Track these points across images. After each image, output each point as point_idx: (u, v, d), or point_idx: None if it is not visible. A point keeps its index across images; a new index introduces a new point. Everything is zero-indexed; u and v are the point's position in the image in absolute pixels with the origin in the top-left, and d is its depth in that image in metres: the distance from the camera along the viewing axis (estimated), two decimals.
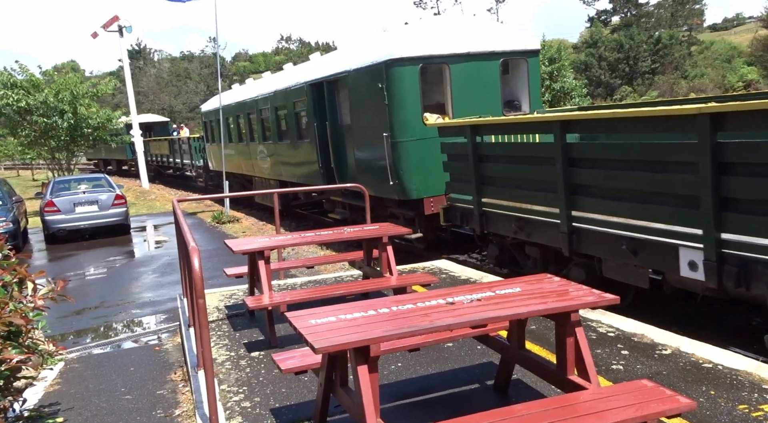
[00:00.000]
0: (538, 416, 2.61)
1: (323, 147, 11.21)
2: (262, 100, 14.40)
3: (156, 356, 5.93)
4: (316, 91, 11.22)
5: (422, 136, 8.76)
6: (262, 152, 14.91)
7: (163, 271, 10.22)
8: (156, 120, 39.26)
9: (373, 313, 3.07)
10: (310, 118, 11.40)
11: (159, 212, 18.51)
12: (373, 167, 9.52)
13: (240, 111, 16.33)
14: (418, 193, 8.87)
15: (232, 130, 17.53)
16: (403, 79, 8.77)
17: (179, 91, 69.11)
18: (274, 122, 13.78)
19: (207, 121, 20.24)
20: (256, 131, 15.29)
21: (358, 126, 9.88)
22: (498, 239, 7.34)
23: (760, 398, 3.47)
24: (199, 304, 3.32)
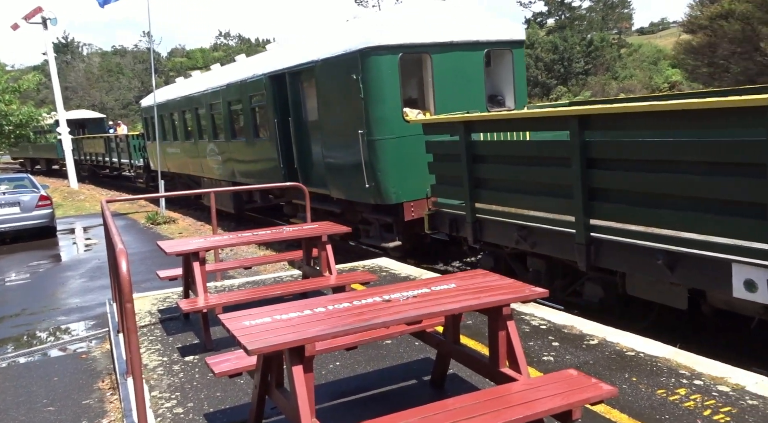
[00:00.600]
0: (470, 409, 2.67)
1: (285, 146, 10.24)
2: (212, 94, 13.16)
3: (82, 364, 5.66)
4: (277, 83, 10.17)
5: (402, 134, 7.95)
6: (213, 151, 13.72)
7: (91, 275, 9.77)
8: (90, 116, 36.60)
9: (309, 312, 3.05)
10: (270, 113, 10.38)
11: (89, 214, 17.66)
12: (346, 168, 8.58)
13: (187, 106, 15.04)
14: (397, 197, 7.96)
15: (178, 127, 16.15)
16: (381, 70, 7.83)
17: (111, 87, 66.13)
18: (227, 118, 12.59)
19: (147, 118, 18.70)
20: (205, 128, 14.06)
21: (328, 122, 8.88)
22: (493, 249, 6.63)
23: (677, 383, 3.68)
24: (127, 308, 3.19)
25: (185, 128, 15.61)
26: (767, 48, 16.61)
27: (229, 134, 12.58)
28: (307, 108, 9.83)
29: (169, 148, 16.86)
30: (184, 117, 15.52)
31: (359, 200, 8.56)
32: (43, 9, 23.44)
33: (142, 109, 19.15)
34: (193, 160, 15.45)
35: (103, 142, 26.07)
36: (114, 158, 24.54)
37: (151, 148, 18.61)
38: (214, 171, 13.90)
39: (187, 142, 15.52)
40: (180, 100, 15.43)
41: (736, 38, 17.74)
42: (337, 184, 8.87)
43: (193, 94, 14.50)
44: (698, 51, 20.02)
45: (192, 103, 14.56)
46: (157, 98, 16.91)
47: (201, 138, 14.38)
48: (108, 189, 24.97)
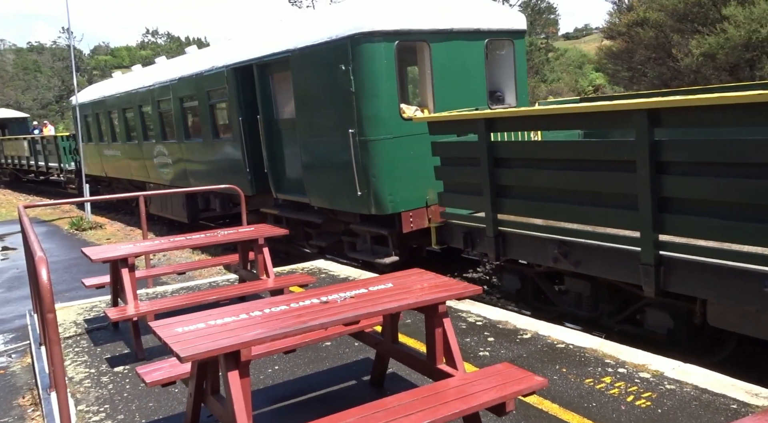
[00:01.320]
0: (408, 406, 2.71)
1: (252, 148, 9.06)
2: (160, 90, 11.68)
3: (1, 381, 5.30)
4: (242, 77, 8.98)
5: (399, 133, 6.97)
6: (161, 154, 12.22)
7: (9, 286, 9.17)
8: (12, 116, 34.02)
9: (245, 316, 3.00)
10: (233, 111, 9.19)
11: (5, 220, 16.57)
12: (331, 173, 7.52)
13: (128, 103, 13.38)
14: (394, 206, 6.98)
15: (118, 127, 14.49)
16: (375, 60, 6.81)
17: (28, 85, 62.24)
18: (179, 117, 11.16)
19: (83, 116, 16.88)
20: (151, 128, 12.56)
21: (308, 121, 7.77)
22: (518, 268, 5.77)
23: (603, 372, 3.88)
24: (48, 318, 3.02)
25: (126, 128, 14.04)
26: (678, 54, 17.74)
27: (182, 135, 11.20)
28: (279, 104, 8.72)
29: (106, 150, 15.36)
30: (124, 115, 13.96)
31: (348, 210, 7.55)
32: None
33: (76, 107, 17.28)
34: (136, 164, 13.87)
35: (27, 144, 24.13)
36: (40, 161, 22.77)
37: (86, 151, 17.02)
38: (163, 176, 12.47)
39: (128, 144, 13.99)
40: (120, 96, 13.84)
41: (650, 44, 18.85)
42: (318, 191, 7.89)
43: (136, 89, 12.98)
44: (618, 56, 21.12)
45: (135, 100, 13.04)
46: (93, 95, 15.62)
47: (146, 139, 12.92)
48: (28, 194, 23.50)
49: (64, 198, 20.15)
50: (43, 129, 27.68)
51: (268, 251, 5.53)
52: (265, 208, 9.44)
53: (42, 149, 22.23)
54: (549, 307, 5.63)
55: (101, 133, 15.50)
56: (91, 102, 15.56)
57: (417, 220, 7.07)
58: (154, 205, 12.89)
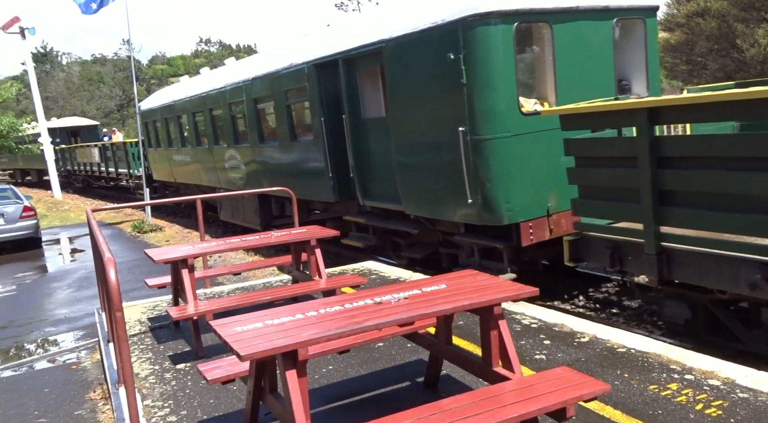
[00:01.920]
0: (465, 409, 2.69)
1: (334, 151, 8.38)
2: (232, 91, 11.09)
3: (73, 375, 5.59)
4: (325, 73, 8.29)
5: (518, 131, 6.07)
6: (233, 159, 11.63)
7: (79, 285, 9.66)
8: (83, 123, 34.73)
9: (300, 316, 3.05)
10: (314, 111, 8.55)
11: (73, 223, 17.47)
12: (433, 179, 6.68)
13: (198, 107, 12.90)
14: (512, 216, 6.04)
15: (187, 132, 14.01)
16: (491, 45, 5.93)
17: (92, 95, 65.50)
18: (253, 119, 10.52)
19: (148, 122, 16.73)
20: (222, 132, 12.01)
21: (404, 119, 6.95)
22: (686, 293, 4.73)
23: (668, 378, 3.73)
24: (116, 317, 3.16)
25: (196, 133, 13.51)
26: (743, 45, 16.87)
27: (256, 138, 10.50)
28: (367, 102, 7.96)
29: (176, 155, 14.86)
30: (194, 120, 13.44)
31: (454, 219, 6.63)
32: (20, 19, 23.23)
33: (141, 114, 17.12)
34: (206, 169, 13.28)
35: (98, 150, 24.21)
36: (111, 168, 22.83)
37: (153, 156, 16.92)
38: (235, 182, 11.76)
39: (198, 149, 13.42)
40: (190, 100, 13.31)
41: (712, 35, 18.00)
42: (416, 198, 7.01)
43: (206, 92, 12.38)
44: (677, 49, 20.29)
45: (205, 103, 12.45)
46: (161, 100, 15.37)
47: (217, 143, 12.37)
48: (94, 199, 24.72)
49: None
50: (111, 136, 27.86)
51: (320, 252, 5.60)
52: (349, 215, 8.73)
53: (112, 156, 22.49)
54: (730, 343, 4.64)
55: (170, 138, 15.17)
56: (160, 107, 15.23)
57: (537, 232, 6.13)
58: (225, 211, 12.55)
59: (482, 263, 6.56)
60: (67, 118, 38.56)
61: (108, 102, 63.61)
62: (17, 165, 34.70)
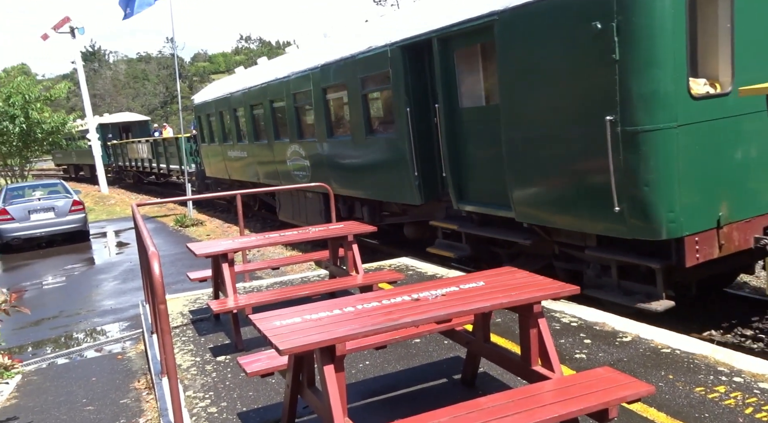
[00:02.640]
0: (503, 408, 2.65)
1: (422, 146, 7.38)
2: (296, 81, 10.04)
3: (118, 365, 5.78)
4: (412, 56, 7.25)
5: (687, 120, 4.81)
6: (297, 155, 10.63)
7: (124, 278, 9.97)
8: (134, 119, 33.96)
9: (338, 312, 3.06)
10: (399, 100, 7.43)
11: (119, 217, 18.05)
12: (563, 180, 5.47)
13: (256, 99, 11.94)
14: (675, 229, 4.81)
15: (243, 126, 13.07)
16: (658, 10, 4.66)
17: (137, 93, 67.53)
18: (321, 111, 9.46)
19: (201, 116, 15.76)
20: (285, 126, 10.99)
21: (523, 107, 5.71)
22: None
23: (716, 380, 3.60)
24: (160, 309, 3.24)
25: (254, 127, 12.45)
26: None
27: (324, 132, 9.45)
28: (467, 89, 6.79)
29: (231, 151, 13.96)
30: (252, 113, 12.39)
31: (588, 230, 5.43)
32: (70, 19, 24.06)
33: (195, 108, 16.16)
34: (265, 166, 12.25)
35: (150, 146, 23.49)
36: (162, 164, 22.20)
37: (206, 152, 16.00)
38: (298, 180, 10.68)
39: (257, 144, 12.40)
40: (247, 92, 12.29)
41: None
42: (533, 203, 5.80)
43: (266, 83, 11.31)
44: None
45: (265, 95, 11.41)
46: (215, 93, 14.48)
47: (278, 138, 11.33)
48: (138, 193, 25.47)
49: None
50: (162, 131, 26.95)
51: (357, 248, 5.63)
52: (436, 220, 7.62)
53: (163, 151, 21.76)
54: None
55: (225, 132, 14.20)
56: (215, 100, 14.25)
57: (705, 248, 4.94)
58: (284, 211, 11.74)
59: (621, 284, 5.32)
60: (119, 113, 37.82)
61: (152, 99, 65.47)
62: (71, 161, 35.37)
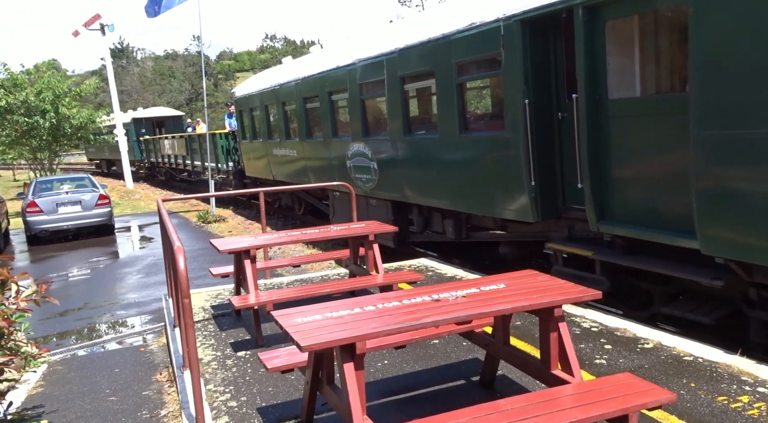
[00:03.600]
0: (522, 410, 2.65)
1: (542, 148, 5.97)
2: (364, 69, 8.60)
3: (141, 357, 5.89)
4: (536, 34, 5.87)
5: None
6: (361, 156, 9.12)
7: (147, 272, 10.15)
8: (168, 114, 32.31)
9: (359, 310, 3.09)
10: (515, 89, 5.98)
11: (143, 212, 18.35)
12: None
13: (309, 91, 10.59)
14: None
15: (293, 121, 11.78)
16: None
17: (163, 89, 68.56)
18: (398, 104, 7.96)
19: (243, 111, 14.50)
20: (346, 121, 9.61)
21: (740, 95, 4.06)
22: None
23: (739, 390, 3.54)
24: (184, 303, 3.31)
25: (307, 122, 11.05)
26: None
27: (402, 129, 7.91)
28: (624, 73, 5.30)
29: (277, 149, 12.65)
30: (304, 107, 11.02)
31: None
32: (101, 16, 24.52)
33: (235, 101, 14.90)
34: (319, 168, 10.70)
35: (184, 142, 21.84)
36: (197, 161, 20.69)
37: (247, 149, 14.73)
38: (362, 185, 9.24)
39: (310, 142, 10.96)
40: (300, 83, 10.91)
41: None
42: (740, 231, 4.19)
43: (323, 73, 9.89)
44: None
45: (323, 86, 10.00)
46: (258, 85, 13.30)
47: (336, 135, 9.97)
48: (162, 189, 25.85)
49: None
50: (195, 126, 25.09)
51: (378, 248, 5.65)
52: (554, 242, 6.12)
53: (198, 148, 20.14)
54: None
55: (270, 129, 12.91)
56: (259, 92, 12.95)
57: None
58: (339, 218, 10.21)
59: None
60: (152, 108, 37.10)
61: (178, 96, 66.40)
62: (104, 155, 34.83)
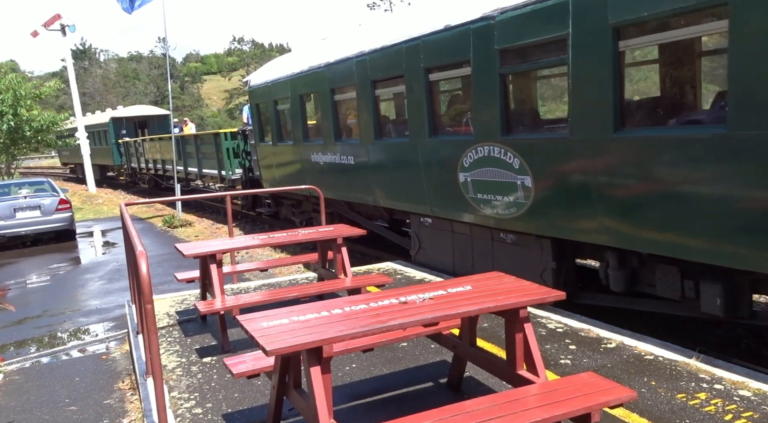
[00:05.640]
0: (488, 411, 2.68)
1: None
2: (508, 25, 5.46)
3: (103, 365, 5.73)
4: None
5: None
6: (496, 164, 5.91)
7: (110, 278, 9.89)
8: (152, 113, 28.22)
9: (326, 314, 3.07)
10: None
11: (106, 217, 17.89)
12: None
13: (385, 70, 7.33)
14: None
15: (350, 114, 8.66)
16: None
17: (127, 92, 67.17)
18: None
19: (260, 104, 11.11)
20: (467, 112, 6.56)
21: None
22: None
23: (697, 387, 3.65)
24: (147, 309, 3.23)
25: (375, 116, 7.79)
26: None
27: (611, 118, 4.63)
28: None
29: (317, 154, 9.30)
30: (373, 93, 7.71)
31: None
32: (61, 16, 23.90)
33: (253, 92, 11.45)
34: (400, 184, 7.49)
35: (177, 145, 17.90)
36: (191, 167, 17.60)
37: (266, 154, 11.30)
38: (502, 216, 5.94)
39: (381, 144, 7.79)
40: (367, 59, 7.67)
41: None
42: None
43: (419, 38, 6.67)
44: None
45: (416, 58, 6.72)
46: (287, 68, 9.96)
47: (435, 134, 6.73)
48: (126, 193, 25.27)
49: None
50: (183, 127, 22.05)
51: (347, 251, 5.64)
52: None
53: (195, 151, 16.94)
54: None
55: (307, 127, 9.66)
56: (292, 78, 9.55)
57: None
58: (429, 254, 7.43)
59: None
60: (134, 106, 33.23)
61: (143, 98, 65.15)
62: (79, 160, 30.53)
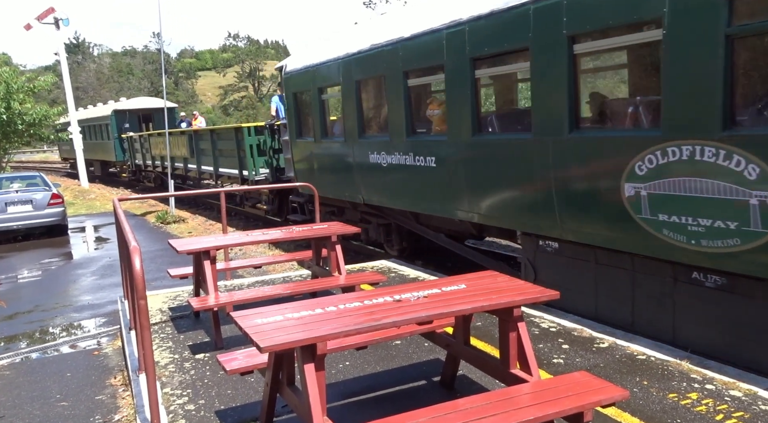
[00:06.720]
0: (481, 409, 2.68)
1: None
2: None
3: (95, 361, 5.71)
4: None
5: None
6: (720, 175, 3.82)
7: (103, 273, 9.84)
8: (158, 105, 25.52)
9: (320, 311, 3.07)
10: None
11: (99, 212, 17.80)
12: None
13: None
14: None
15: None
16: None
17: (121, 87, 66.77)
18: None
19: (299, 93, 9.51)
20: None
21: None
22: None
23: (689, 387, 3.67)
24: (140, 305, 3.22)
25: (474, 106, 6.00)
26: None
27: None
28: None
29: (378, 154, 7.71)
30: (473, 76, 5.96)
31: None
32: (55, 9, 23.73)
33: (288, 79, 9.71)
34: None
35: (187, 140, 16.42)
36: (205, 166, 15.67)
37: (303, 151, 9.66)
38: (699, 243, 4.07)
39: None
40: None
41: None
42: None
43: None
44: None
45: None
46: (336, 50, 8.35)
47: (577, 128, 4.95)
48: (118, 188, 25.14)
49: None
50: (192, 121, 20.67)
51: (341, 249, 5.63)
52: None
53: (210, 148, 14.75)
54: None
55: (362, 121, 8.00)
56: (344, 60, 8.03)
57: None
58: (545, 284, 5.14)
59: None
60: (137, 98, 31.57)
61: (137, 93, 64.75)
62: None
